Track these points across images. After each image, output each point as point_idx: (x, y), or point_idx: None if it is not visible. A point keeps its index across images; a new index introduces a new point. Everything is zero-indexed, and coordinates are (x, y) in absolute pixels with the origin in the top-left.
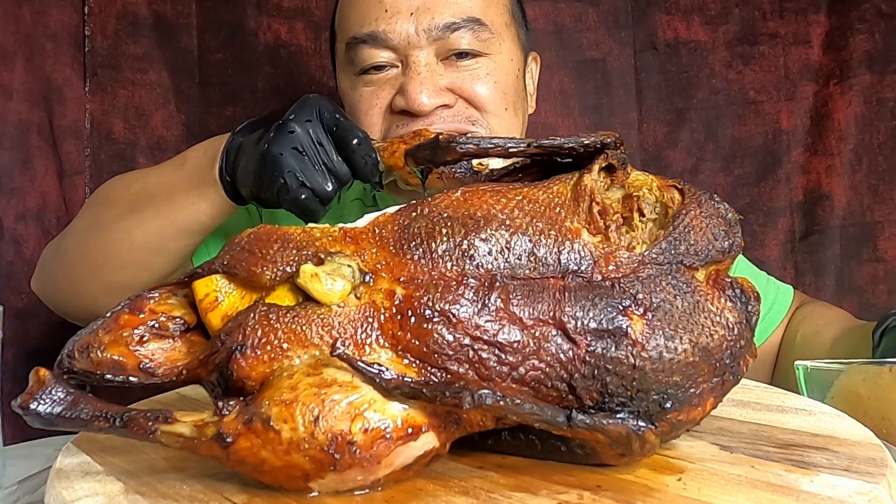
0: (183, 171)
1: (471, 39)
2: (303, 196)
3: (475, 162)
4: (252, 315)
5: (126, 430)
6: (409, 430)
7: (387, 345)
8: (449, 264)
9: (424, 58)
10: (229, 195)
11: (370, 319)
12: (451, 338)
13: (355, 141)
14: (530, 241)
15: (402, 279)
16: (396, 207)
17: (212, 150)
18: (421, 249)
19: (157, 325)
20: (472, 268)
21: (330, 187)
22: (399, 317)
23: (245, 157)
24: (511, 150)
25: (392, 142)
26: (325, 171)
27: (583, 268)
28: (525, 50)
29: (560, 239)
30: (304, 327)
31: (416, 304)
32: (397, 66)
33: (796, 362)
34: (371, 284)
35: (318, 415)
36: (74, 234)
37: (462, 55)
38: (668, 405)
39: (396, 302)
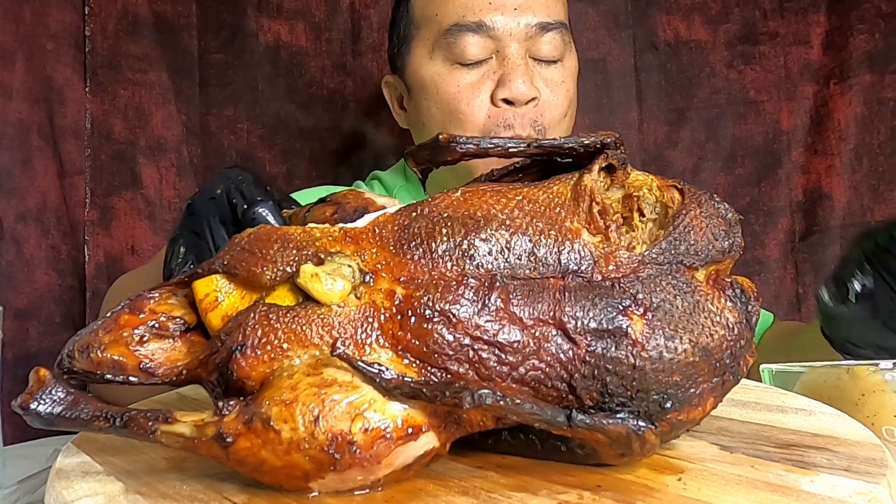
0: (152, 270)
1: (557, 42)
2: None
3: None
4: (252, 315)
5: (126, 430)
6: (409, 430)
7: (387, 345)
8: (449, 264)
9: (519, 51)
10: None
11: (370, 319)
12: (451, 338)
13: (259, 210)
14: (530, 241)
15: (402, 279)
16: (396, 207)
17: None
18: (421, 249)
19: (157, 325)
20: (472, 268)
21: None
22: (399, 317)
23: None
24: (511, 150)
25: (297, 211)
26: None
27: (583, 268)
28: None
29: (560, 239)
30: (304, 327)
31: (416, 304)
32: (492, 58)
33: (762, 366)
34: (371, 284)
35: (318, 415)
36: None
37: (545, 60)
38: (668, 405)
39: (396, 302)
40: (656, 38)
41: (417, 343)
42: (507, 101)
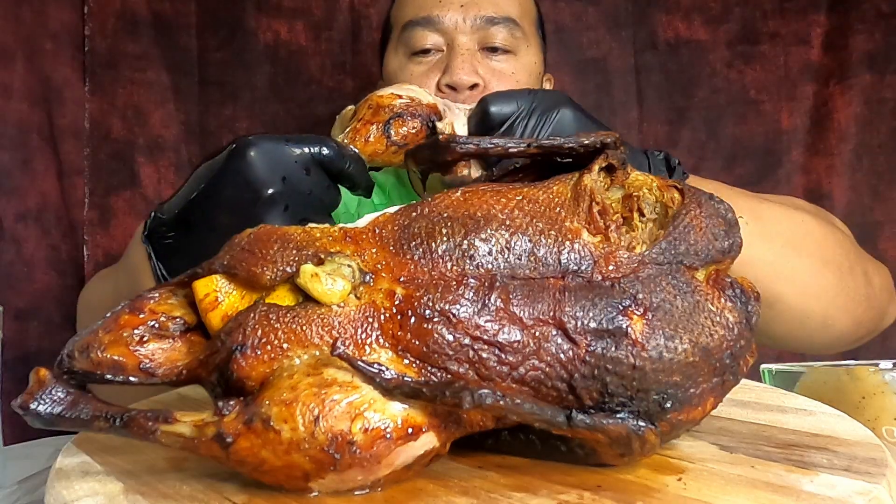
0: (124, 280)
1: (506, 35)
2: None
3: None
4: (252, 315)
5: (126, 430)
6: (410, 430)
7: (387, 345)
8: (449, 264)
9: (466, 42)
10: None
11: (370, 319)
12: (451, 338)
13: (331, 152)
14: (530, 241)
15: (402, 279)
16: (396, 207)
17: (137, 254)
18: (421, 249)
19: (157, 325)
20: (472, 268)
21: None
22: (399, 317)
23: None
24: (511, 150)
25: (355, 128)
26: (328, 214)
27: (583, 268)
28: (545, 62)
29: (560, 239)
30: (304, 327)
31: (416, 304)
32: (443, 51)
33: (762, 366)
34: (371, 284)
35: (318, 415)
36: None
37: (495, 50)
38: (669, 405)
39: (396, 302)
40: (656, 37)
41: (417, 343)
42: (451, 87)
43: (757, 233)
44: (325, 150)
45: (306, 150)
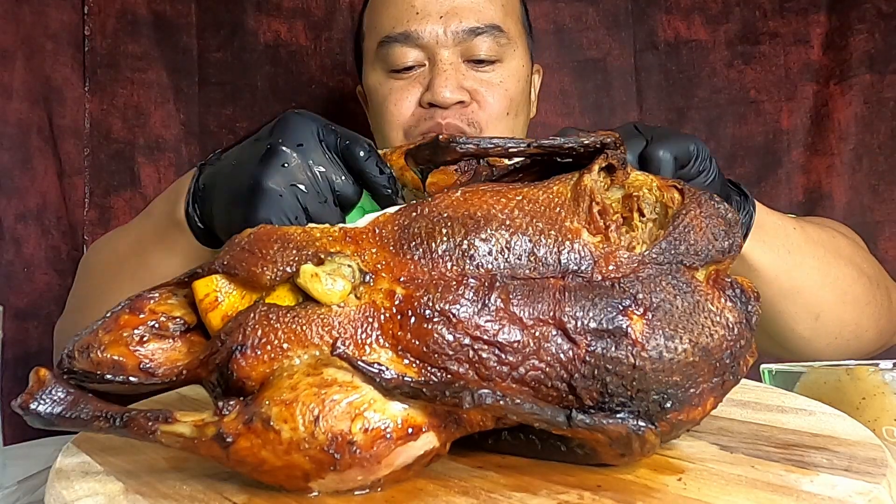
0: (149, 224)
1: (490, 44)
2: None
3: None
4: (252, 315)
5: (126, 430)
6: (410, 430)
7: (387, 345)
8: (449, 264)
9: (449, 56)
10: (201, 239)
11: (370, 319)
12: (451, 338)
13: (362, 153)
14: (530, 241)
15: (402, 279)
16: (396, 207)
17: (174, 192)
18: (421, 249)
19: (157, 325)
20: (472, 268)
21: (336, 220)
22: (399, 317)
23: (223, 193)
24: (511, 150)
25: (392, 149)
26: (332, 201)
27: (583, 268)
28: (532, 58)
29: (560, 239)
30: (304, 327)
31: (416, 304)
32: (424, 66)
33: (762, 366)
34: (371, 284)
35: (318, 415)
36: (66, 316)
37: (481, 62)
38: (668, 405)
39: (396, 302)
40: (656, 37)
41: (417, 343)
42: (434, 105)
43: (805, 239)
44: (354, 145)
45: (337, 135)
